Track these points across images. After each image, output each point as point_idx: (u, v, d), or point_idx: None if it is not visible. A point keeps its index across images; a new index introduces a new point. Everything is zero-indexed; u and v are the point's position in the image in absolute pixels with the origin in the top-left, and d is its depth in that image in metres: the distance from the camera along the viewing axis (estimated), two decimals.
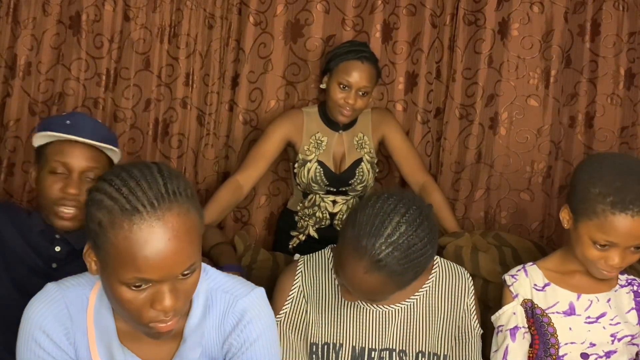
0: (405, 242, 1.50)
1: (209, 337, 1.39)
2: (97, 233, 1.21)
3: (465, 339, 1.75)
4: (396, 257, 1.49)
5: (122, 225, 1.17)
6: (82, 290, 1.38)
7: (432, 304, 1.75)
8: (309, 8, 2.76)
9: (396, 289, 1.56)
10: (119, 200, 1.18)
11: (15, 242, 1.86)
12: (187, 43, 2.74)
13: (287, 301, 1.73)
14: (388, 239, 1.49)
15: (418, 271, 1.56)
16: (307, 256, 1.79)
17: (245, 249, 2.19)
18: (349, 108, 2.46)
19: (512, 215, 2.78)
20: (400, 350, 1.70)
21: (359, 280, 1.53)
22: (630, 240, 1.62)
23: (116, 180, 1.21)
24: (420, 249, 1.52)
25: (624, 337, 1.75)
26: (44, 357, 1.35)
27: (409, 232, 1.51)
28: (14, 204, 2.44)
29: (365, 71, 2.45)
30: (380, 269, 1.50)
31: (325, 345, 1.70)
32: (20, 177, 2.69)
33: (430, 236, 1.55)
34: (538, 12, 2.73)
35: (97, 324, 1.36)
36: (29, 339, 1.35)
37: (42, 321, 1.35)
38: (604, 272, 1.69)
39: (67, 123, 1.86)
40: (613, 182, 1.61)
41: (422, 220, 1.54)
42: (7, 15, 2.68)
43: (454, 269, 1.80)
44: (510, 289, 1.81)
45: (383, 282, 1.52)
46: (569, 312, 1.76)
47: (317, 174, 2.53)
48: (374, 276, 1.51)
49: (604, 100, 2.75)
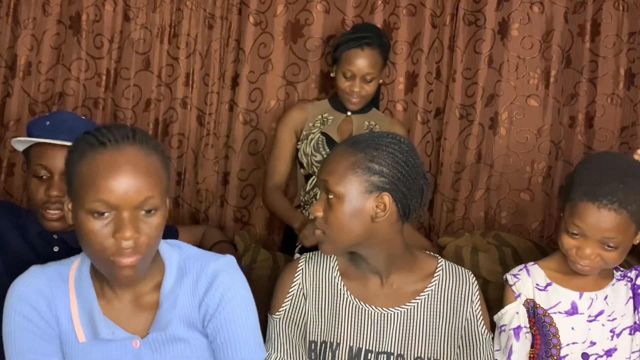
0: (383, 134, 1.66)
1: (185, 301, 1.44)
2: (69, 171, 1.35)
3: (471, 345, 1.71)
4: (367, 135, 1.64)
5: (88, 156, 1.31)
6: (62, 267, 1.45)
7: (433, 308, 1.71)
8: (309, 8, 2.76)
9: (346, 167, 1.59)
10: (89, 139, 1.33)
11: (14, 242, 1.86)
12: (187, 43, 2.75)
13: (286, 298, 1.73)
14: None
15: (372, 160, 1.59)
16: (308, 254, 1.79)
17: (246, 248, 2.19)
18: (355, 95, 2.47)
19: (512, 215, 2.78)
20: (399, 354, 1.69)
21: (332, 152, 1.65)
22: (596, 232, 1.64)
23: (92, 131, 1.36)
24: (397, 149, 1.61)
25: (623, 330, 1.75)
26: (28, 328, 1.39)
27: (396, 140, 1.63)
28: (13, 204, 2.44)
29: (366, 58, 2.44)
30: (351, 143, 1.62)
31: (323, 343, 1.69)
32: (20, 177, 2.69)
33: (409, 155, 1.62)
34: (538, 12, 2.73)
35: (79, 296, 1.41)
36: (13, 311, 1.39)
37: (25, 293, 1.40)
38: (578, 265, 1.71)
39: (46, 124, 1.85)
40: (595, 175, 1.66)
41: (411, 149, 1.65)
42: (7, 15, 2.68)
43: (458, 273, 1.74)
44: (513, 289, 1.81)
45: (341, 153, 1.61)
46: (572, 311, 1.76)
47: (319, 143, 2.50)
48: (340, 147, 1.63)
49: (604, 100, 2.75)
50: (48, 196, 1.80)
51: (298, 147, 2.54)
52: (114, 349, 1.41)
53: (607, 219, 1.63)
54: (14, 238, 1.86)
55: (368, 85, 2.47)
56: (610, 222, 1.63)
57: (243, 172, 2.80)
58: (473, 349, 1.71)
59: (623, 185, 1.62)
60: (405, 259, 1.70)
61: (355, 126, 2.54)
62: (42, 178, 1.82)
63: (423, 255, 1.75)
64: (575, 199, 1.66)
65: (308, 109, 2.58)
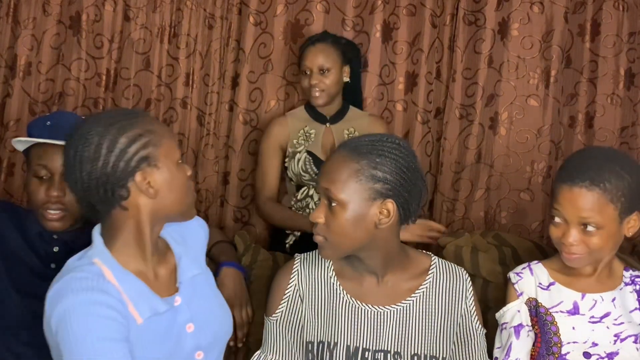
0: (380, 136, 1.67)
1: (192, 248, 1.65)
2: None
3: (466, 341, 1.74)
4: (366, 139, 1.64)
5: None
6: (85, 266, 1.46)
7: (429, 305, 1.73)
8: (309, 8, 2.76)
9: (349, 174, 1.58)
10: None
11: (14, 242, 1.86)
12: (187, 43, 2.75)
13: (282, 300, 1.73)
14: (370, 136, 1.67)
15: (377, 165, 1.59)
16: (304, 254, 1.79)
17: (245, 248, 2.19)
18: (316, 89, 2.54)
19: (512, 215, 2.78)
20: (395, 352, 1.69)
21: (330, 157, 1.66)
22: (573, 213, 1.66)
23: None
24: (394, 147, 1.61)
25: (628, 337, 1.75)
26: (108, 315, 1.39)
27: (391, 140, 1.64)
28: (13, 204, 2.44)
29: (317, 51, 2.54)
30: (344, 145, 1.64)
31: (320, 343, 1.70)
32: (20, 177, 2.69)
33: (404, 152, 1.62)
34: (538, 12, 2.73)
35: (123, 283, 1.45)
36: (87, 305, 1.38)
37: (90, 285, 1.41)
38: (565, 255, 1.72)
39: (47, 124, 1.84)
40: (573, 162, 1.73)
41: (409, 152, 1.66)
42: (7, 15, 2.68)
43: (452, 270, 1.77)
44: (515, 287, 1.81)
45: (342, 159, 1.60)
46: (573, 311, 1.76)
47: (306, 163, 2.56)
48: (338, 152, 1.63)
49: (604, 100, 2.75)
50: (48, 196, 1.80)
51: (286, 164, 2.60)
52: (163, 319, 1.48)
53: (581, 197, 1.65)
54: (14, 238, 1.86)
55: (326, 78, 2.54)
56: (584, 200, 1.65)
57: (243, 172, 2.80)
58: (468, 344, 1.73)
59: (597, 166, 1.66)
60: (400, 258, 1.71)
61: (336, 136, 2.59)
62: (42, 178, 1.81)
63: (416, 254, 1.77)
64: (554, 185, 1.72)
65: (287, 122, 2.62)
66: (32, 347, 1.81)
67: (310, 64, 2.54)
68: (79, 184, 1.44)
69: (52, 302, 1.41)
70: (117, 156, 1.42)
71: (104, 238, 1.50)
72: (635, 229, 1.73)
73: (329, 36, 2.61)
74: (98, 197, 1.45)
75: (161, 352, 1.47)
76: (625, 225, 1.71)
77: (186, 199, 1.53)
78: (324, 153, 2.56)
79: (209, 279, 1.67)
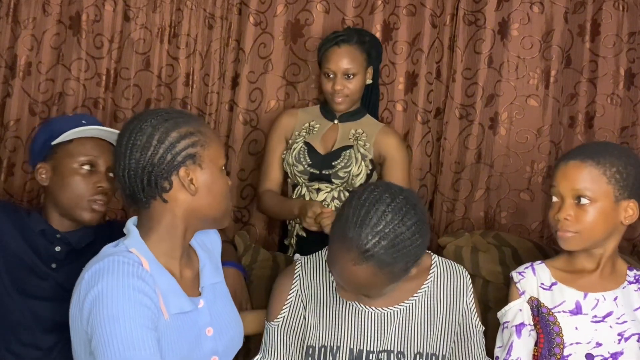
0: (392, 231, 1.49)
1: (215, 257, 1.72)
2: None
3: (466, 338, 1.74)
4: (384, 247, 1.48)
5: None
6: (124, 252, 1.48)
7: (431, 304, 1.74)
8: (309, 8, 2.76)
9: (388, 282, 1.55)
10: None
11: (15, 242, 1.86)
12: (187, 43, 2.75)
13: (284, 306, 1.73)
14: (374, 228, 1.49)
15: (409, 261, 1.54)
16: (305, 258, 1.79)
17: (246, 248, 2.20)
18: (339, 94, 2.43)
19: (512, 215, 2.78)
20: (399, 351, 1.70)
21: (349, 274, 1.52)
22: (567, 185, 1.73)
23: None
24: (409, 237, 1.51)
25: (632, 335, 1.74)
26: (144, 302, 1.41)
27: (395, 221, 1.50)
28: (13, 203, 2.44)
29: (342, 54, 2.41)
30: (369, 260, 1.49)
31: (322, 348, 1.69)
32: (20, 177, 2.69)
33: (418, 225, 1.53)
34: (538, 12, 2.73)
35: (159, 277, 1.48)
36: (126, 289, 1.40)
37: (131, 271, 1.44)
38: (559, 234, 1.76)
39: (82, 122, 1.90)
40: (572, 150, 1.84)
41: (408, 208, 1.52)
42: (7, 15, 2.68)
43: (451, 268, 1.78)
44: (517, 286, 1.81)
45: (373, 273, 1.51)
46: (575, 311, 1.76)
47: (300, 153, 2.46)
48: (362, 267, 1.50)
49: (604, 100, 2.74)
50: (98, 188, 1.87)
51: (283, 156, 2.52)
52: (187, 319, 1.51)
53: (574, 169, 1.73)
54: (15, 238, 1.86)
55: (350, 83, 2.43)
56: (577, 171, 1.72)
57: (243, 172, 2.80)
58: (468, 341, 1.74)
59: (594, 145, 1.78)
60: None
61: (340, 134, 2.49)
62: (90, 170, 1.87)
63: None
64: (553, 170, 1.80)
65: (298, 115, 2.55)
66: (32, 347, 1.81)
67: (334, 67, 2.41)
68: (126, 171, 1.49)
69: (90, 281, 1.42)
70: (166, 148, 1.47)
71: (139, 230, 1.53)
72: (634, 218, 1.75)
73: (354, 34, 2.46)
74: (142, 185, 1.49)
75: (180, 351, 1.49)
76: (621, 211, 1.72)
77: (222, 205, 1.58)
78: (323, 147, 2.48)
79: (224, 288, 1.71)
